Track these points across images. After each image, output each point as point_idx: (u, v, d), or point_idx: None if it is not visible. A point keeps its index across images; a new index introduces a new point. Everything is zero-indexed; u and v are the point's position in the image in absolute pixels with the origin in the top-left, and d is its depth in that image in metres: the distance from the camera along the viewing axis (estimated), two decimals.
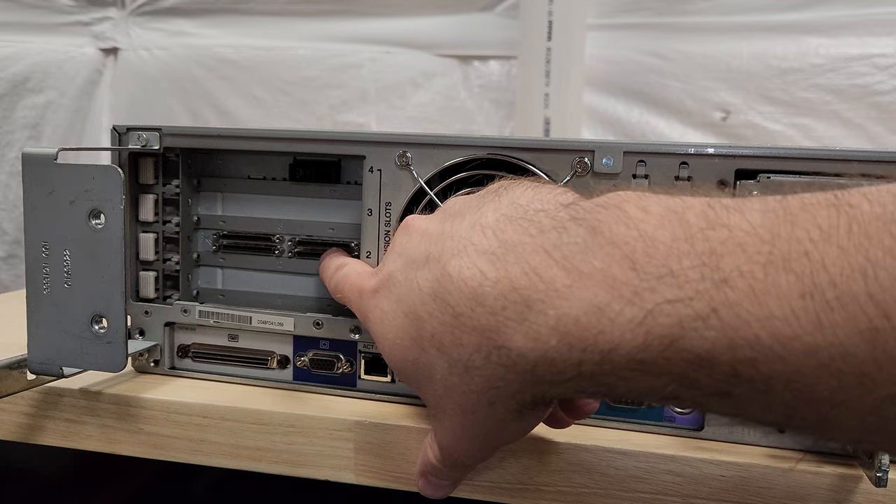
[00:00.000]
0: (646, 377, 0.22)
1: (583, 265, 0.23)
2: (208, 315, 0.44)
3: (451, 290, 0.26)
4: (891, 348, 0.18)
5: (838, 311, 0.18)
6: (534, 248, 0.25)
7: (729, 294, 0.20)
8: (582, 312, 0.22)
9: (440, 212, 0.31)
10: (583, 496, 0.37)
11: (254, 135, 0.42)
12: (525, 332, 0.24)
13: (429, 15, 1.01)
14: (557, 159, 0.38)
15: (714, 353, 0.20)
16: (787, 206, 0.21)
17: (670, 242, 0.22)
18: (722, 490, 0.36)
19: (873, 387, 0.18)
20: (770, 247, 0.20)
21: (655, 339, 0.21)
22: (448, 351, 0.26)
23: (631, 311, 0.22)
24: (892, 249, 0.18)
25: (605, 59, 0.96)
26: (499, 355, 0.25)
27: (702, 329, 0.20)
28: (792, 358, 0.19)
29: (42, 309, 0.38)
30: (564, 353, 0.23)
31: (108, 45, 1.11)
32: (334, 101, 1.04)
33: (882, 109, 0.86)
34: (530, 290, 0.24)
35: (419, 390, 0.30)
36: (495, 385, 0.26)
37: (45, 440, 0.43)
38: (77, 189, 0.36)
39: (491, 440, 0.30)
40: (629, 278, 0.22)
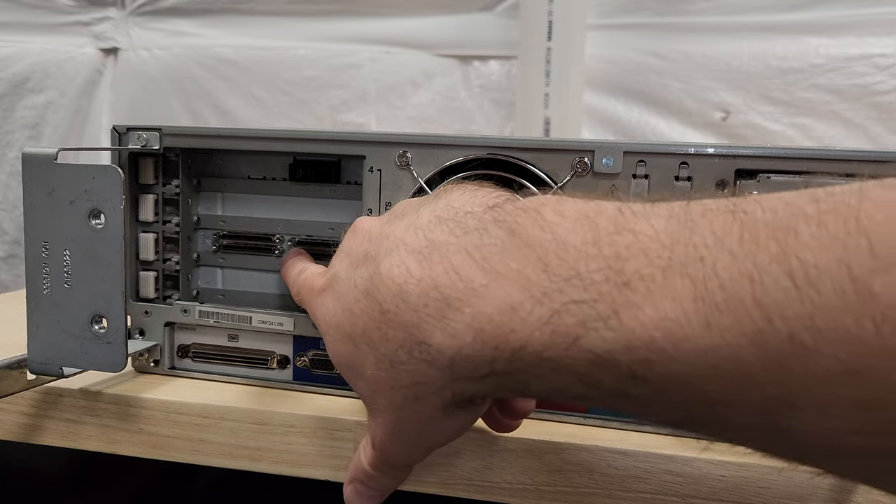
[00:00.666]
0: (554, 375, 0.23)
1: (500, 266, 0.24)
2: (208, 315, 0.44)
3: (380, 287, 0.27)
4: (773, 350, 0.18)
5: (726, 314, 0.19)
6: (457, 248, 0.25)
7: (629, 296, 0.21)
8: (496, 311, 0.23)
9: (389, 212, 0.32)
10: (583, 496, 0.37)
11: (254, 135, 0.42)
12: (443, 329, 0.25)
13: (429, 15, 1.01)
14: (557, 159, 0.38)
15: (613, 354, 0.21)
16: (689, 212, 0.22)
17: (580, 246, 0.23)
18: (722, 490, 0.36)
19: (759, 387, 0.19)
20: (670, 252, 0.21)
21: (560, 337, 0.22)
22: (376, 346, 0.27)
23: (540, 310, 0.22)
24: (777, 256, 0.19)
25: (605, 59, 0.96)
26: (420, 351, 0.26)
27: (602, 329, 0.21)
28: (684, 358, 0.20)
29: (42, 309, 0.38)
30: (479, 350, 0.24)
31: (108, 45, 1.11)
32: (334, 101, 1.04)
33: (882, 109, 0.86)
34: (450, 289, 0.25)
35: (355, 387, 0.30)
36: (419, 380, 0.26)
37: (45, 440, 0.43)
38: (77, 189, 0.36)
39: (422, 439, 0.30)
40: (540, 279, 0.23)
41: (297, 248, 0.44)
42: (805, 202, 0.20)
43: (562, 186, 0.38)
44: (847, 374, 0.18)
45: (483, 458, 0.38)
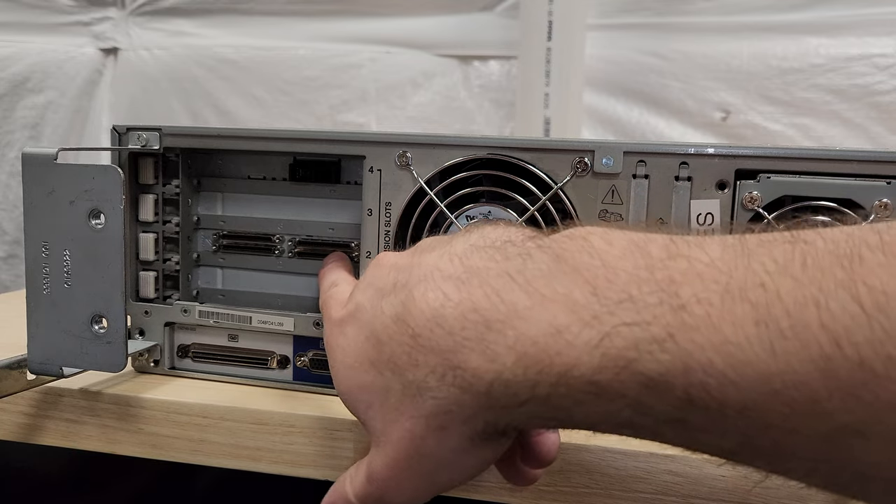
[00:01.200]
0: (600, 401, 0.22)
1: (545, 289, 0.23)
2: (208, 315, 0.44)
3: (412, 311, 0.26)
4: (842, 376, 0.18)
5: (792, 340, 0.19)
6: (498, 272, 0.25)
7: (686, 319, 0.20)
8: (540, 333, 0.23)
9: (413, 247, 0.31)
10: (583, 496, 0.37)
11: (254, 135, 0.42)
12: (482, 352, 0.24)
13: (429, 15, 1.01)
14: (557, 159, 0.38)
15: (668, 377, 0.20)
16: (745, 242, 0.22)
17: (632, 271, 0.22)
18: (722, 490, 0.36)
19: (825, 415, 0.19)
20: (727, 277, 0.21)
21: (611, 360, 0.21)
22: (403, 372, 0.26)
23: (589, 333, 0.22)
24: (843, 282, 0.19)
25: (605, 59, 0.96)
26: (454, 376, 0.25)
27: (657, 352, 0.21)
28: (745, 384, 0.19)
29: (42, 309, 0.38)
30: (520, 375, 0.23)
31: (108, 45, 1.11)
32: (334, 101, 1.04)
33: (882, 109, 0.86)
34: (491, 312, 0.24)
35: (366, 416, 0.29)
36: (447, 409, 0.25)
37: (45, 440, 0.43)
38: (77, 189, 0.36)
39: (434, 477, 0.28)
40: (589, 302, 0.22)
41: (340, 253, 0.43)
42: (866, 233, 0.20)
43: (562, 186, 0.38)
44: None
45: None
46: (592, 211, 0.38)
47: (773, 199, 0.36)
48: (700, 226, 0.37)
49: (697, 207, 0.37)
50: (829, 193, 0.35)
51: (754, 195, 0.36)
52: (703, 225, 0.37)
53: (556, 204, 0.39)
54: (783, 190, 0.36)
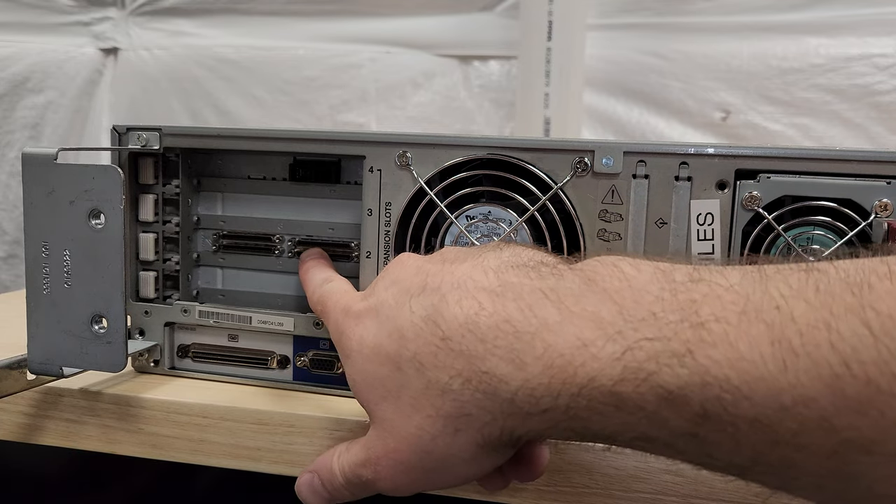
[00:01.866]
0: (619, 412, 0.23)
1: (574, 307, 0.25)
2: (208, 315, 0.44)
3: (445, 315, 0.27)
4: (849, 394, 0.19)
5: (803, 358, 0.20)
6: (531, 289, 0.26)
7: (704, 336, 0.22)
8: (568, 346, 0.24)
9: (437, 254, 0.32)
10: (583, 496, 0.37)
11: (254, 135, 0.42)
12: (511, 360, 0.25)
13: (429, 15, 1.01)
14: (557, 159, 0.38)
15: (685, 391, 0.22)
16: (763, 270, 0.23)
17: (656, 293, 0.24)
18: (722, 490, 0.36)
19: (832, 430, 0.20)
20: (745, 300, 0.22)
21: (632, 373, 0.23)
22: (427, 372, 0.27)
23: (612, 347, 0.23)
24: (852, 307, 0.20)
25: (605, 59, 0.96)
26: (479, 381, 0.26)
27: (676, 366, 0.22)
28: (758, 398, 0.20)
29: (42, 309, 0.38)
30: (545, 383, 0.24)
31: (108, 45, 1.11)
32: (334, 101, 1.04)
33: (882, 109, 0.86)
34: (522, 324, 0.25)
35: (376, 408, 0.29)
36: (468, 411, 0.26)
37: (45, 440, 0.43)
38: (77, 189, 0.36)
39: (430, 475, 0.29)
40: (615, 319, 0.24)
41: (320, 250, 0.43)
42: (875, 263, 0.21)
43: (562, 186, 0.38)
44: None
45: None
46: (592, 211, 0.38)
47: (773, 199, 0.36)
48: (700, 226, 0.37)
49: (697, 207, 0.37)
50: (829, 193, 0.35)
51: (754, 195, 0.36)
52: (702, 225, 0.37)
53: (556, 204, 0.39)
54: (783, 190, 0.36)
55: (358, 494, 0.32)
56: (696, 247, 0.37)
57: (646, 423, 0.23)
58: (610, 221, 0.38)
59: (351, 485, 0.31)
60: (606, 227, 0.38)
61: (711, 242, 0.37)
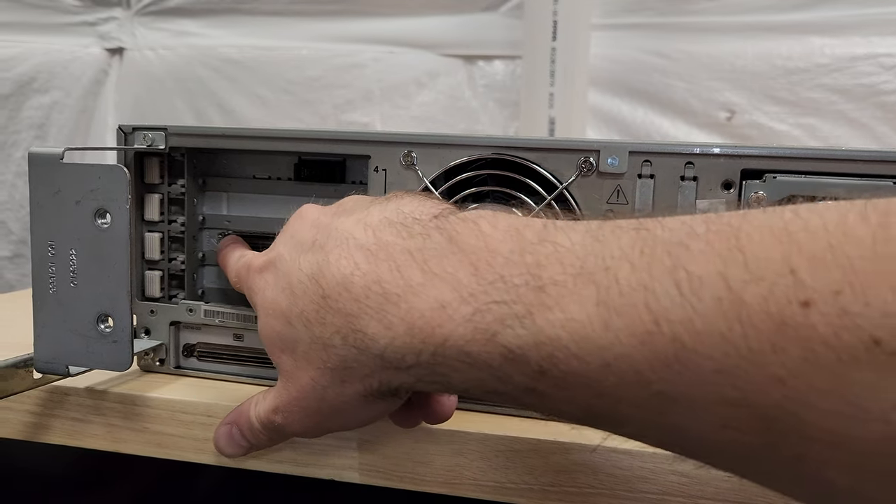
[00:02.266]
0: (471, 369, 0.25)
1: (436, 268, 0.27)
2: (214, 314, 0.44)
3: (326, 274, 0.29)
4: (658, 349, 0.21)
5: (622, 317, 0.22)
6: (402, 249, 0.28)
7: (543, 299, 0.23)
8: (428, 308, 0.26)
9: (336, 205, 0.34)
10: (588, 496, 0.37)
11: (259, 135, 0.42)
12: (380, 320, 0.27)
13: (433, 15, 1.01)
14: (562, 159, 0.38)
15: (524, 350, 0.24)
16: (603, 229, 0.24)
17: (507, 254, 0.25)
18: (728, 490, 0.35)
19: (646, 384, 0.21)
20: (581, 262, 0.24)
21: (480, 333, 0.25)
22: (312, 328, 0.29)
23: (465, 308, 0.25)
24: (669, 268, 0.21)
25: (610, 59, 0.96)
26: (355, 338, 0.28)
27: (517, 327, 0.24)
28: (584, 355, 0.22)
29: (48, 308, 0.38)
30: (408, 342, 0.26)
31: (114, 46, 1.12)
32: (338, 101, 1.04)
33: (888, 109, 0.86)
34: (391, 285, 0.27)
35: (278, 360, 0.32)
36: (349, 365, 0.28)
37: (50, 439, 0.43)
38: (83, 189, 0.36)
39: (330, 420, 0.32)
40: (470, 282, 0.25)
41: (234, 236, 0.44)
42: (698, 223, 0.22)
43: (567, 186, 0.38)
44: (720, 374, 0.20)
45: (488, 458, 0.38)
46: (597, 211, 0.38)
47: (778, 198, 0.36)
48: None
49: (703, 207, 0.37)
50: (835, 193, 0.35)
51: (760, 195, 0.36)
52: None
53: (562, 204, 0.39)
54: (789, 190, 0.36)
55: (274, 440, 0.35)
56: None
57: (494, 380, 0.25)
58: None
59: (267, 430, 0.34)
60: None
61: None
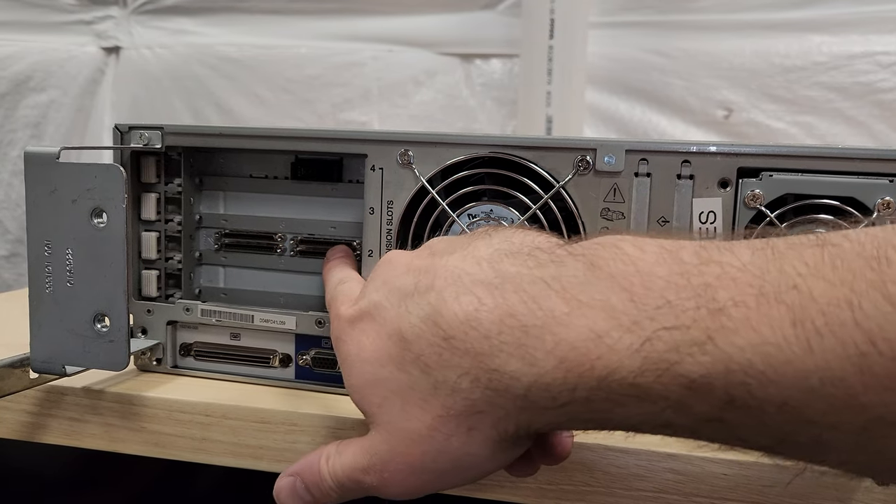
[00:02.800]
0: (642, 403, 0.23)
1: (582, 296, 0.24)
2: (210, 314, 0.44)
3: (444, 313, 0.26)
4: (877, 372, 0.19)
5: (828, 338, 0.20)
6: (532, 279, 0.25)
7: (724, 322, 0.21)
8: (580, 339, 0.23)
9: (425, 248, 0.31)
10: (584, 494, 0.37)
11: (256, 133, 0.42)
12: (521, 357, 0.24)
13: (431, 13, 1.01)
14: (559, 157, 0.38)
15: (709, 378, 0.21)
16: (775, 245, 0.22)
17: (667, 277, 0.23)
18: (724, 488, 0.36)
19: (861, 408, 0.20)
20: (761, 280, 0.21)
21: (652, 363, 0.22)
22: (434, 372, 0.26)
23: (629, 338, 0.23)
24: (874, 283, 0.20)
25: (608, 57, 0.96)
26: (489, 379, 0.25)
27: (698, 354, 0.21)
28: (785, 382, 0.20)
29: (44, 307, 0.38)
30: (560, 378, 0.24)
31: (110, 44, 1.11)
32: (336, 100, 1.04)
33: (885, 107, 0.86)
34: (528, 317, 0.24)
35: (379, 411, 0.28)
36: (479, 409, 0.26)
37: (47, 439, 0.43)
38: (79, 188, 0.36)
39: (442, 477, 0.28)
40: (627, 308, 0.23)
41: (343, 247, 0.43)
42: (890, 234, 0.21)
43: (564, 185, 0.38)
44: None
45: None
46: (594, 209, 0.38)
47: (775, 197, 0.36)
48: (702, 224, 0.37)
49: (699, 206, 0.37)
50: (832, 191, 0.35)
51: (756, 193, 0.36)
52: (705, 223, 0.37)
53: (559, 202, 0.39)
54: (785, 188, 0.36)
55: (349, 497, 0.31)
56: None
57: (670, 412, 0.23)
58: (612, 220, 0.38)
59: (345, 490, 0.30)
60: (608, 225, 0.38)
61: None
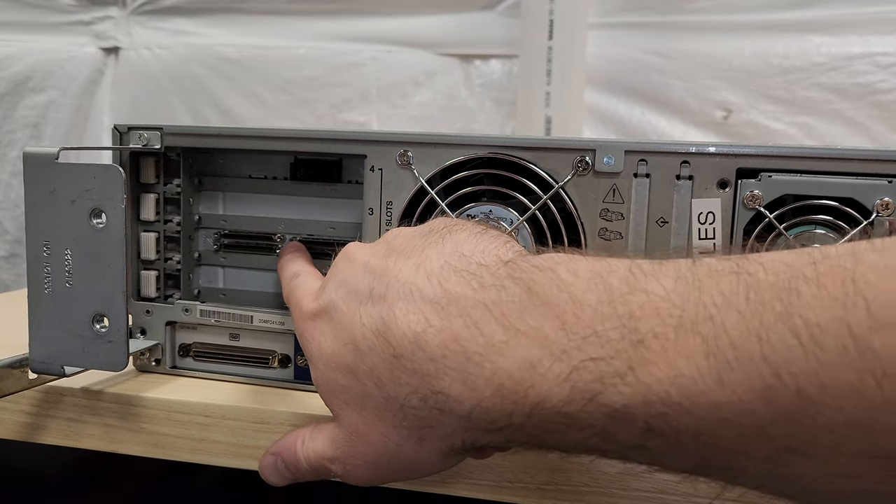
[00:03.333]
0: (570, 430, 0.24)
1: (518, 323, 0.25)
2: (209, 314, 0.44)
3: (394, 331, 0.27)
4: (783, 404, 0.20)
5: (737, 371, 0.20)
6: (475, 302, 0.26)
7: (644, 353, 0.22)
8: (516, 367, 0.24)
9: (383, 243, 0.32)
10: (583, 494, 0.37)
11: (255, 134, 0.42)
12: (463, 381, 0.25)
13: (430, 14, 1.01)
14: (558, 158, 0.38)
15: (630, 408, 0.22)
16: (696, 272, 0.23)
17: (595, 305, 0.24)
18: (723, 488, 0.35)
19: (769, 438, 0.20)
20: (680, 311, 0.22)
21: (579, 393, 0.23)
22: (384, 386, 0.27)
23: (559, 367, 0.23)
24: (782, 315, 0.20)
25: (607, 58, 0.96)
26: (435, 400, 0.26)
27: (620, 385, 0.22)
28: (698, 412, 0.21)
29: (43, 308, 0.38)
30: (497, 404, 0.24)
31: (110, 45, 1.11)
32: (336, 100, 1.04)
33: (884, 108, 0.86)
34: (470, 343, 0.25)
35: (342, 412, 0.30)
36: (428, 424, 0.27)
37: (46, 439, 0.43)
38: (78, 188, 0.36)
39: (399, 473, 0.30)
40: (559, 337, 0.24)
41: (296, 243, 0.43)
42: (804, 264, 0.21)
43: (563, 185, 0.38)
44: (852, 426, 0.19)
45: None
46: (593, 210, 0.38)
47: (774, 197, 0.36)
48: (701, 224, 0.37)
49: (699, 206, 0.37)
50: (831, 192, 0.35)
51: (755, 194, 0.36)
52: (704, 224, 0.37)
53: (558, 203, 0.39)
54: (784, 189, 0.36)
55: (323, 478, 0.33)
56: (698, 246, 0.37)
57: (596, 439, 0.23)
58: (611, 220, 0.38)
59: (315, 471, 0.32)
60: (607, 225, 0.38)
61: (713, 241, 0.37)
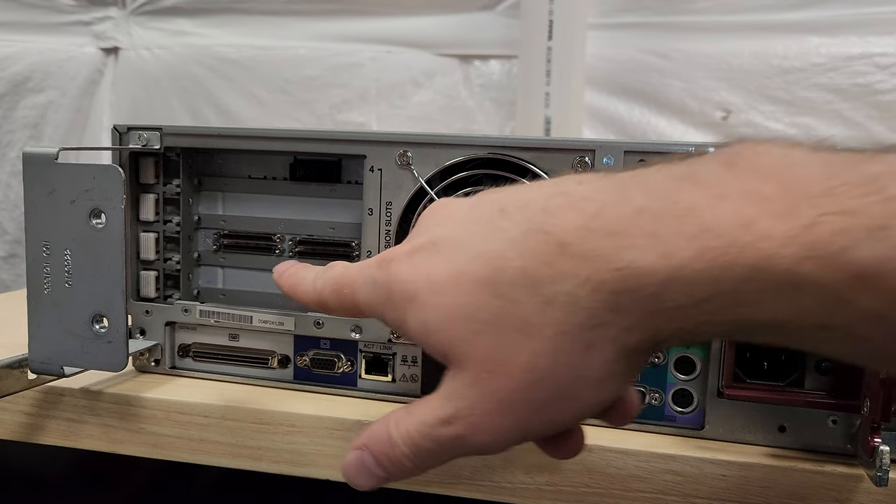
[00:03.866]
0: (797, 295, 0.20)
1: (723, 189, 0.21)
2: (209, 314, 0.44)
3: (555, 221, 0.23)
4: None
5: None
6: (660, 178, 0.23)
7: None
8: (727, 226, 0.21)
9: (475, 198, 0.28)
10: (584, 496, 0.37)
11: (254, 134, 0.42)
12: (655, 249, 0.21)
13: (430, 14, 1.01)
14: (558, 158, 0.38)
15: (881, 269, 0.19)
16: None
17: (822, 169, 0.21)
18: (723, 490, 0.36)
19: None
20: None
21: (815, 250, 0.20)
22: (543, 287, 0.23)
23: (786, 224, 0.20)
24: None
25: (606, 58, 0.96)
26: (614, 281, 0.22)
27: (871, 241, 0.19)
28: None
29: (43, 308, 0.38)
30: (701, 270, 0.21)
31: (109, 45, 1.11)
32: (335, 101, 1.04)
33: (883, 109, 0.86)
34: (663, 209, 0.22)
35: (469, 347, 0.25)
36: (602, 321, 0.23)
37: (46, 440, 0.43)
38: (78, 188, 0.36)
39: (544, 412, 0.25)
40: (782, 195, 0.20)
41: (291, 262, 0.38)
42: None
43: None
44: None
45: (484, 457, 0.38)
46: None
47: None
48: None
49: None
50: None
51: None
52: None
53: None
54: None
55: (426, 465, 0.26)
56: None
57: (828, 306, 0.20)
58: None
59: (421, 454, 0.26)
60: None
61: None
